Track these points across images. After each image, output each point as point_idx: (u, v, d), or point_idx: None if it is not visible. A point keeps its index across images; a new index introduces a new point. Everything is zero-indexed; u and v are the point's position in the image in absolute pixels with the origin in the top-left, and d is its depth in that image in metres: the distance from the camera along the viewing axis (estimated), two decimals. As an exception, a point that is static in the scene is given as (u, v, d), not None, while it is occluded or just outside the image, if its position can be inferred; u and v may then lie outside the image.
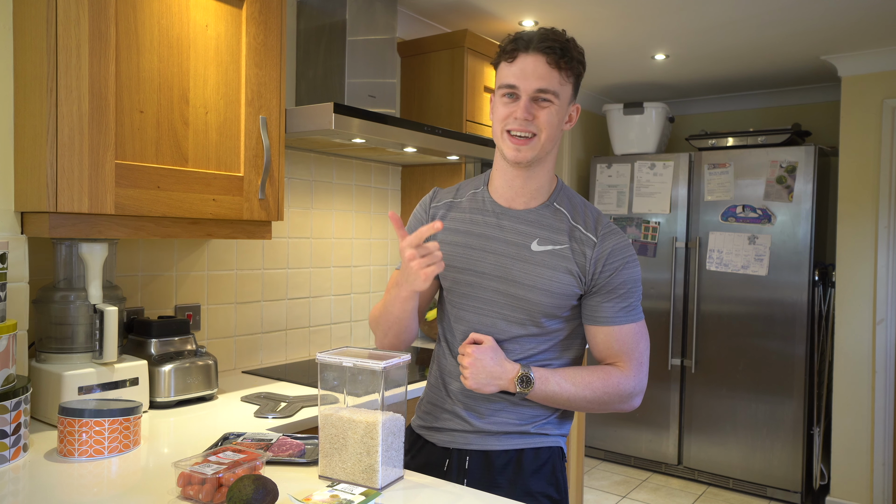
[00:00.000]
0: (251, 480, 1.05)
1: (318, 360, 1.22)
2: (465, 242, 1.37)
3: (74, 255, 1.63)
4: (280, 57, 1.90)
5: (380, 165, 2.86)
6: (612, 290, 1.31)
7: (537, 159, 1.31)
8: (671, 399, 3.95)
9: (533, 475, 1.36)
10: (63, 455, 1.34)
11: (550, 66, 1.25)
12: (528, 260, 1.32)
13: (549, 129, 1.28)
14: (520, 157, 1.29)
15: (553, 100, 1.27)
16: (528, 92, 1.26)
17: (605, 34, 3.14)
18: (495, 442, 1.36)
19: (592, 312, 1.33)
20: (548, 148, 1.30)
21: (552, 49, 1.24)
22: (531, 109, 1.26)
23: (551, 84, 1.26)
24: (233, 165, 1.80)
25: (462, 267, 1.36)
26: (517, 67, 1.27)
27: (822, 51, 3.34)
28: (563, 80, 1.27)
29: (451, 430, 1.40)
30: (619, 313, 1.31)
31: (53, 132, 1.42)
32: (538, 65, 1.25)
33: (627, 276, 1.31)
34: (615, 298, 1.31)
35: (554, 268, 1.31)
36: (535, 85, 1.25)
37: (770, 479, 3.62)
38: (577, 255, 1.31)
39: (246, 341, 2.33)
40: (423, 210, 1.47)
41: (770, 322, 3.61)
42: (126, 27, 1.55)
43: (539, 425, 1.38)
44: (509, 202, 1.37)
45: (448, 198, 1.45)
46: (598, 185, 4.17)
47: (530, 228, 1.34)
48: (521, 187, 1.35)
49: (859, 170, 3.43)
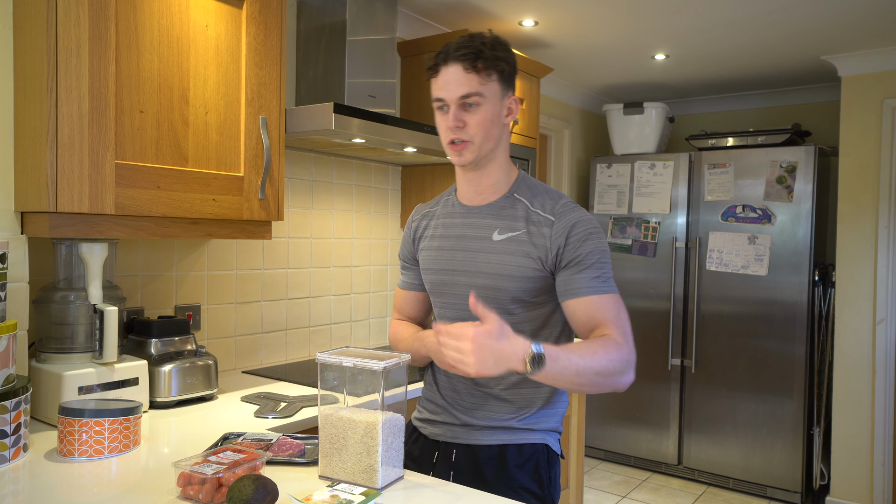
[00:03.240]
0: (251, 480, 1.05)
1: (318, 360, 1.22)
2: (440, 245, 1.46)
3: (74, 255, 1.63)
4: (280, 57, 1.90)
5: (380, 165, 2.86)
6: (581, 260, 1.31)
7: (482, 158, 1.37)
8: (671, 399, 3.95)
9: (516, 469, 1.39)
10: (63, 455, 1.34)
11: (468, 72, 1.32)
12: (490, 250, 1.37)
13: (483, 131, 1.34)
14: (462, 160, 1.37)
15: (479, 101, 1.33)
16: (453, 101, 1.33)
17: (605, 34, 3.14)
18: (480, 437, 1.41)
19: (567, 286, 1.32)
20: (488, 146, 1.37)
21: (465, 56, 1.32)
22: (460, 116, 1.33)
23: (471, 87, 1.32)
24: (233, 165, 1.80)
25: (437, 268, 1.45)
26: (441, 80, 1.35)
27: (822, 51, 3.34)
28: (484, 79, 1.33)
29: (442, 423, 1.47)
30: (592, 282, 1.31)
31: (53, 132, 1.42)
32: (456, 73, 1.32)
33: (594, 246, 1.32)
34: (586, 269, 1.31)
35: (513, 253, 1.35)
36: (457, 93, 1.32)
37: (770, 479, 3.62)
38: (534, 237, 1.34)
39: (246, 341, 2.33)
40: (408, 228, 1.58)
41: (770, 322, 3.61)
42: (126, 27, 1.55)
43: (524, 420, 1.40)
44: (471, 200, 1.45)
45: (426, 209, 1.56)
46: (598, 185, 4.17)
47: (491, 220, 1.40)
48: (478, 185, 1.43)
49: (859, 170, 3.43)
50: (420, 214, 1.56)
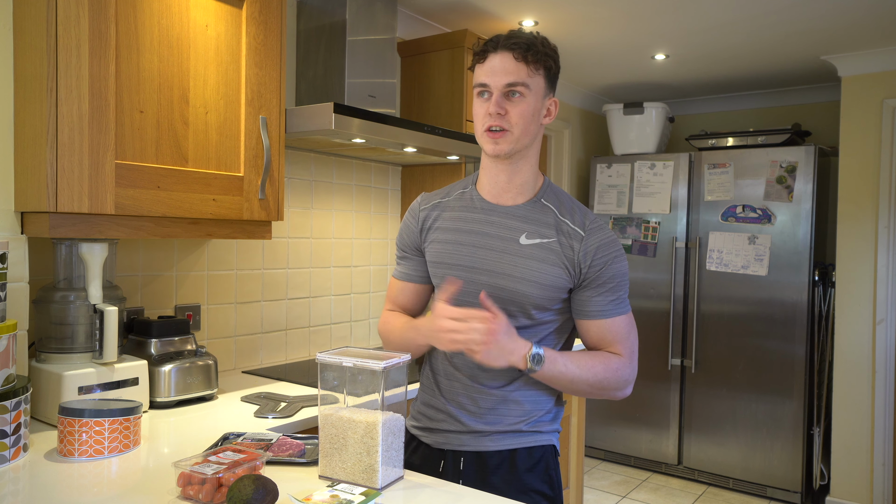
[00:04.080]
0: (251, 480, 1.05)
1: (318, 360, 1.22)
2: (455, 240, 1.40)
3: (74, 255, 1.63)
4: (280, 57, 1.90)
5: (380, 165, 2.86)
6: (601, 284, 1.33)
7: (516, 152, 1.34)
8: (671, 399, 3.95)
9: (527, 473, 1.38)
10: (63, 455, 1.34)
11: (517, 61, 1.30)
12: (518, 253, 1.35)
13: (523, 123, 1.32)
14: (498, 149, 1.33)
15: (524, 92, 1.31)
16: (498, 88, 1.31)
17: (605, 34, 3.14)
18: (489, 442, 1.38)
19: (583, 307, 1.36)
20: (525, 141, 1.34)
21: (517, 45, 1.30)
22: (503, 104, 1.31)
23: (519, 77, 1.30)
24: (233, 165, 1.80)
25: (453, 263, 1.39)
26: (487, 66, 1.33)
27: (822, 51, 3.34)
28: (532, 72, 1.31)
29: (445, 430, 1.41)
30: (608, 306, 1.34)
31: (53, 132, 1.42)
32: (505, 61, 1.31)
33: (616, 270, 1.34)
34: (605, 292, 1.34)
35: (543, 260, 1.33)
36: (504, 80, 1.30)
37: (770, 479, 3.62)
38: (565, 248, 1.34)
39: (246, 341, 2.33)
40: (412, 216, 1.50)
41: (770, 322, 3.61)
42: (126, 27, 1.55)
43: (532, 423, 1.39)
44: (496, 198, 1.40)
45: (436, 199, 1.49)
46: (598, 185, 4.17)
47: (518, 223, 1.37)
48: (506, 182, 1.39)
49: (859, 170, 3.43)
50: (430, 204, 1.48)
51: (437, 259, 1.42)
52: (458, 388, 1.40)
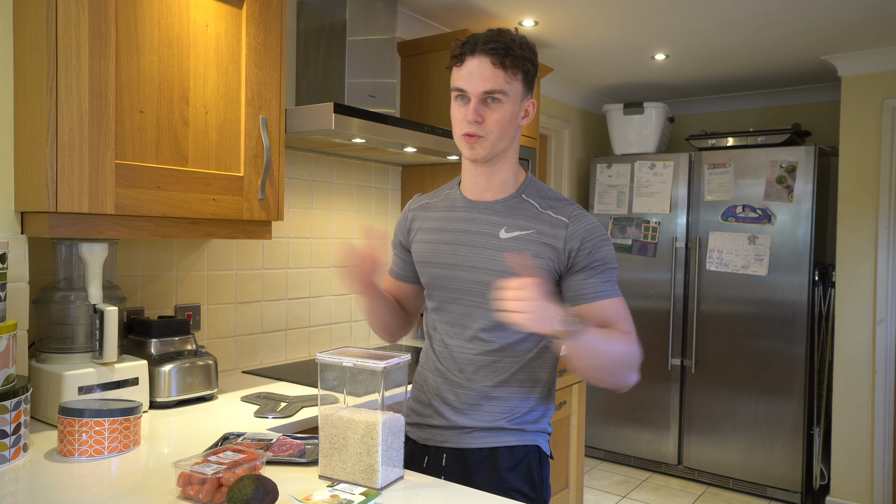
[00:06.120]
0: (251, 480, 1.05)
1: (318, 360, 1.22)
2: (439, 238, 1.43)
3: (74, 255, 1.63)
4: (280, 57, 1.90)
5: (380, 165, 2.86)
6: (592, 266, 1.33)
7: (494, 155, 1.36)
8: (671, 399, 3.95)
9: (508, 472, 1.38)
10: (63, 455, 1.34)
11: (495, 67, 1.29)
12: (497, 247, 1.36)
13: (499, 129, 1.32)
14: (475, 154, 1.34)
15: (502, 98, 1.31)
16: (475, 94, 1.31)
17: (605, 34, 3.14)
18: (470, 439, 1.39)
19: (578, 291, 1.34)
20: (502, 145, 1.35)
21: (495, 50, 1.29)
22: (480, 111, 1.31)
23: (497, 84, 1.30)
24: (233, 165, 1.80)
25: (436, 262, 1.42)
26: (465, 70, 1.32)
27: (821, 51, 3.34)
28: (510, 77, 1.31)
29: (430, 426, 1.44)
30: (603, 286, 1.34)
31: (53, 132, 1.42)
32: (483, 67, 1.29)
33: (605, 253, 1.34)
34: (597, 274, 1.34)
35: (523, 252, 1.34)
36: (482, 87, 1.30)
37: (770, 479, 3.62)
38: (546, 237, 1.34)
39: (246, 341, 2.33)
40: (402, 217, 1.56)
41: (770, 322, 3.61)
42: (126, 27, 1.55)
43: (514, 420, 1.39)
44: (478, 197, 1.43)
45: (425, 200, 1.53)
46: (598, 185, 4.17)
47: (498, 218, 1.38)
48: (486, 182, 1.41)
49: (859, 170, 3.43)
50: (417, 205, 1.53)
51: (422, 258, 1.46)
52: (442, 383, 1.42)
